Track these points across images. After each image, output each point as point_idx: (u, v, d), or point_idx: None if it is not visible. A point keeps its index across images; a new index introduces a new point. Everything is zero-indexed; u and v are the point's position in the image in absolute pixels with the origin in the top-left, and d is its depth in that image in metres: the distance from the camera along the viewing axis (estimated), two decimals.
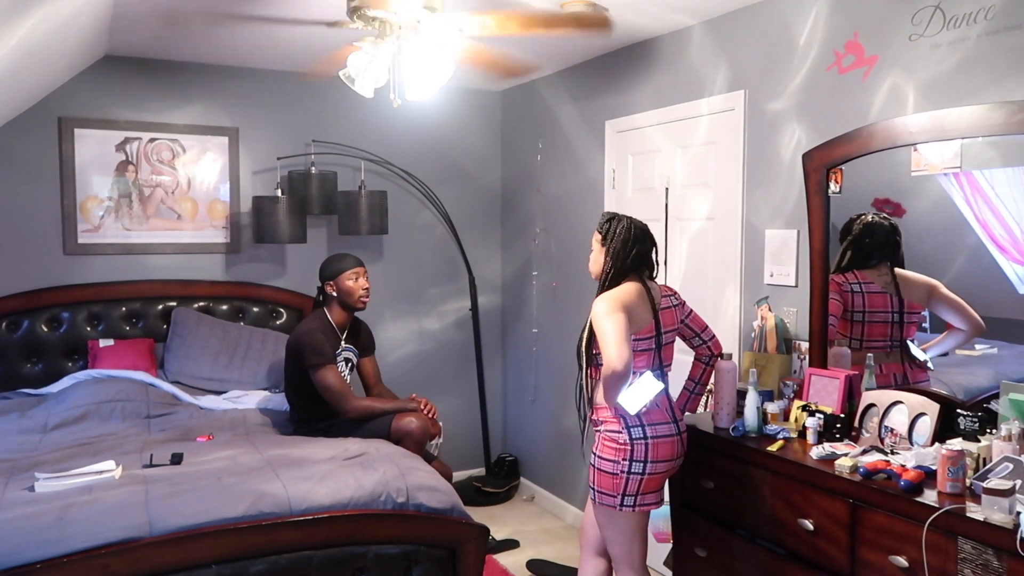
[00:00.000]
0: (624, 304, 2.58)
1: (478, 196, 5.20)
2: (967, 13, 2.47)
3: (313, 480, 2.75)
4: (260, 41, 3.92)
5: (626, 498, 2.63)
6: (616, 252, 2.68)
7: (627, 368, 2.47)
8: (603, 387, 2.55)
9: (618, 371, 2.46)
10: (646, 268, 2.74)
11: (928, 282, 2.68)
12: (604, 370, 2.50)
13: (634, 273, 2.70)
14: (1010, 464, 2.05)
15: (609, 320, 2.52)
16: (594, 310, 2.61)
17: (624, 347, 2.48)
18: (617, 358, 2.46)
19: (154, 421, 3.62)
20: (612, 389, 2.52)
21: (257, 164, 4.55)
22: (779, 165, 3.15)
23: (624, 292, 2.63)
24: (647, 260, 2.74)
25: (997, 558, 1.89)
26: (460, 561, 2.84)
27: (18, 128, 4.05)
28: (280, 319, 4.53)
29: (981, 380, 2.52)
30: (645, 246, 2.73)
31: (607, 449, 2.64)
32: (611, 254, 2.69)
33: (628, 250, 2.69)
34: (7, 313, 4.02)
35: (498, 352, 5.33)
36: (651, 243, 2.75)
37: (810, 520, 2.38)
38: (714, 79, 3.45)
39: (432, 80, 2.84)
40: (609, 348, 2.48)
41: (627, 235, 2.69)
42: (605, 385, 2.53)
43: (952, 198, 2.53)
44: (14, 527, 2.37)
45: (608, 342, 2.50)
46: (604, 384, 2.53)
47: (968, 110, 2.37)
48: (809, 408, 2.70)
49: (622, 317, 2.54)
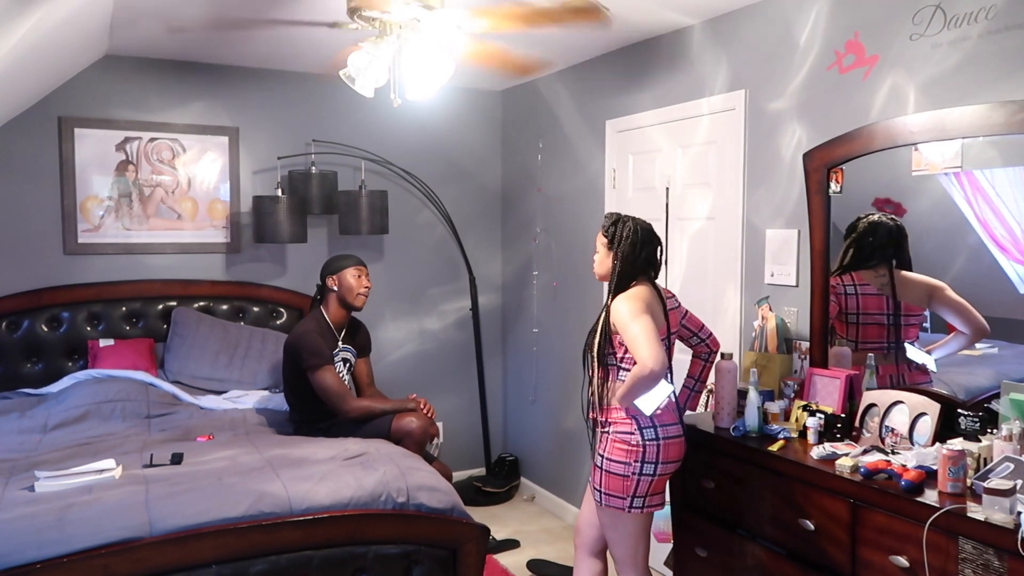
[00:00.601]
0: (646, 304, 2.59)
1: (478, 196, 5.19)
2: (968, 12, 2.46)
3: (313, 480, 2.75)
4: (261, 41, 3.91)
5: (635, 500, 2.63)
6: (625, 255, 2.68)
7: (663, 368, 2.47)
8: (630, 388, 2.52)
9: (656, 371, 2.45)
10: (652, 269, 2.74)
11: (929, 283, 2.66)
12: (638, 371, 2.47)
13: (642, 275, 2.70)
14: (1011, 464, 2.05)
15: (638, 322, 2.52)
16: (618, 312, 2.59)
17: (658, 347, 2.48)
18: (652, 358, 2.45)
19: (154, 421, 3.62)
20: (643, 390, 2.51)
21: (257, 164, 4.55)
22: (780, 165, 3.15)
23: (640, 294, 2.63)
24: (654, 261, 2.74)
25: (998, 558, 1.89)
26: (460, 561, 2.83)
27: (18, 128, 4.04)
28: (280, 319, 4.53)
29: (982, 380, 2.52)
30: (652, 247, 2.73)
31: (618, 451, 2.63)
32: (619, 257, 2.68)
33: (637, 253, 2.68)
34: (7, 313, 4.02)
35: (498, 352, 5.33)
36: (657, 243, 2.75)
37: (811, 520, 2.38)
38: (715, 79, 3.45)
39: (432, 80, 2.84)
40: (643, 349, 2.47)
41: (635, 237, 2.69)
42: (635, 386, 2.50)
43: (953, 198, 2.53)
44: (14, 527, 2.37)
45: (641, 344, 2.48)
46: (635, 385, 2.50)
47: (969, 110, 2.37)
48: (810, 408, 2.70)
49: (649, 318, 2.54)
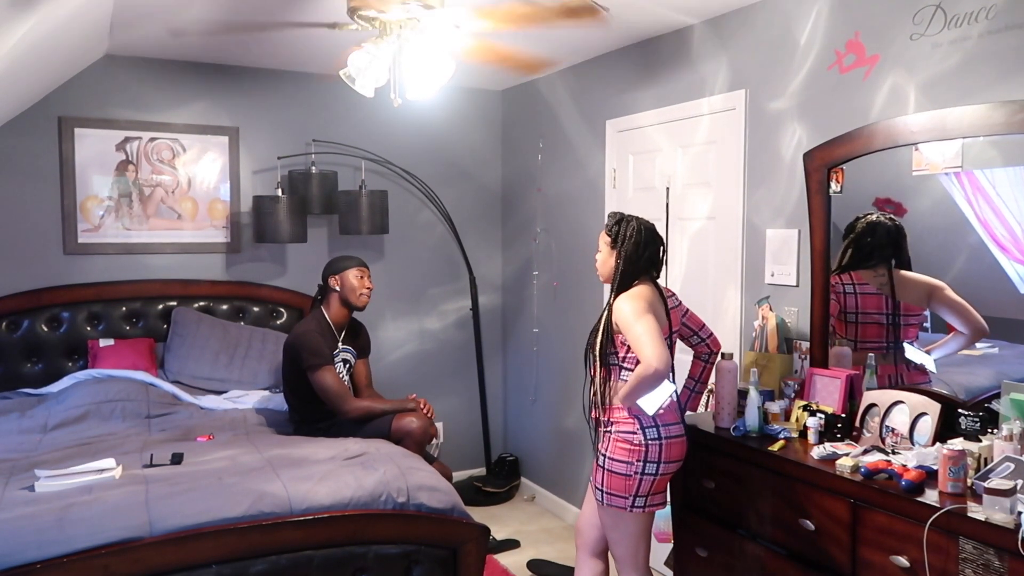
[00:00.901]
0: (649, 303, 2.60)
1: (479, 195, 5.19)
2: (968, 12, 2.46)
3: (313, 480, 2.75)
4: (261, 41, 3.90)
5: (637, 499, 2.63)
6: (628, 255, 2.68)
7: (668, 367, 2.47)
8: (634, 387, 2.53)
9: (660, 370, 2.45)
10: (655, 269, 2.74)
11: (928, 283, 2.65)
12: (642, 370, 2.48)
13: (644, 274, 2.70)
14: (1011, 464, 2.04)
15: (642, 321, 2.53)
16: (621, 312, 2.59)
17: (662, 346, 2.48)
18: (657, 357, 2.45)
19: (154, 421, 3.61)
20: (647, 389, 2.52)
21: (257, 163, 4.55)
22: (780, 164, 3.15)
23: (643, 293, 2.64)
24: (656, 261, 2.74)
25: (998, 558, 1.88)
26: (461, 561, 2.83)
27: (18, 127, 4.04)
28: (280, 319, 4.53)
29: (982, 380, 2.51)
30: (655, 247, 2.73)
31: (620, 450, 2.63)
32: (623, 256, 2.69)
33: (641, 252, 2.69)
34: (7, 313, 4.02)
35: (499, 352, 5.33)
36: (660, 243, 2.76)
37: (811, 520, 2.38)
38: (715, 78, 3.45)
39: (432, 79, 2.84)
40: (647, 348, 2.48)
41: (639, 237, 2.69)
42: (639, 385, 2.51)
43: (953, 198, 2.53)
44: (14, 527, 2.37)
45: (645, 343, 2.49)
46: (639, 384, 2.51)
47: (969, 109, 2.37)
48: (810, 408, 2.70)
49: (653, 317, 2.55)
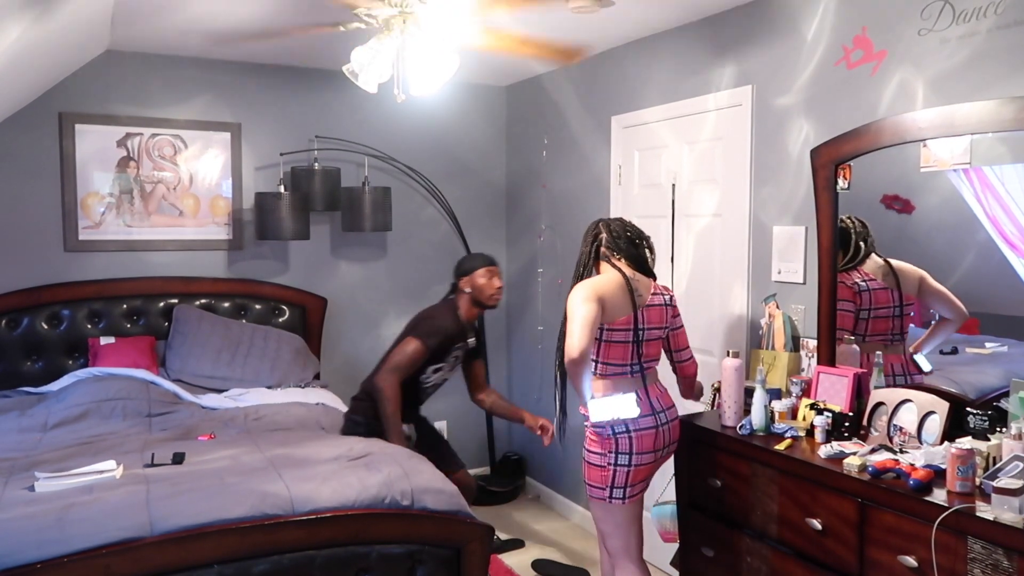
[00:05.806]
0: (599, 294, 2.65)
1: (483, 192, 5.17)
2: (977, 8, 2.44)
3: (316, 481, 2.73)
4: (263, 37, 3.89)
5: (615, 490, 2.72)
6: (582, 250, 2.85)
7: (583, 356, 2.52)
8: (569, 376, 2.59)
9: (574, 358, 2.53)
10: (631, 263, 2.77)
11: (918, 272, 2.70)
12: (565, 356, 2.56)
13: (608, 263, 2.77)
14: (1020, 463, 2.03)
15: (579, 308, 2.60)
16: (569, 299, 2.68)
17: (585, 335, 2.54)
18: (574, 345, 2.53)
19: (155, 420, 3.59)
20: (574, 378, 2.58)
21: (260, 160, 4.53)
22: (787, 161, 3.12)
23: (602, 282, 2.71)
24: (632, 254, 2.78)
25: (1007, 558, 1.87)
26: (465, 561, 2.81)
27: (19, 124, 4.03)
28: (283, 316, 4.51)
29: (991, 378, 2.50)
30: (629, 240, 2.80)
31: (593, 443, 2.77)
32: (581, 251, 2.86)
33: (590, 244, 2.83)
34: (7, 310, 4.00)
35: (503, 349, 5.31)
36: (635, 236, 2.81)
37: (818, 519, 2.37)
38: (721, 74, 3.42)
39: (436, 75, 2.82)
40: (570, 336, 2.56)
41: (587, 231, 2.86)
42: (567, 370, 2.57)
43: (962, 194, 2.51)
44: (14, 527, 2.35)
45: (571, 330, 2.57)
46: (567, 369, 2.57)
47: (978, 106, 2.35)
48: (817, 406, 2.69)
49: (593, 307, 2.60)
